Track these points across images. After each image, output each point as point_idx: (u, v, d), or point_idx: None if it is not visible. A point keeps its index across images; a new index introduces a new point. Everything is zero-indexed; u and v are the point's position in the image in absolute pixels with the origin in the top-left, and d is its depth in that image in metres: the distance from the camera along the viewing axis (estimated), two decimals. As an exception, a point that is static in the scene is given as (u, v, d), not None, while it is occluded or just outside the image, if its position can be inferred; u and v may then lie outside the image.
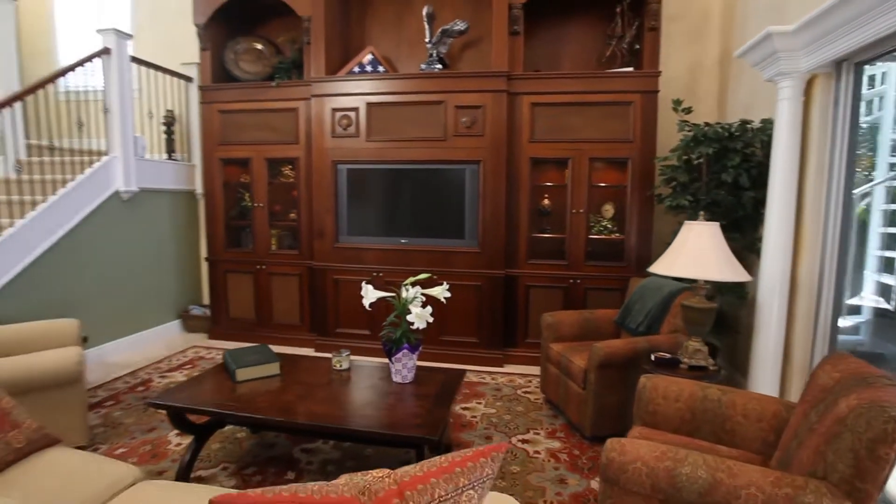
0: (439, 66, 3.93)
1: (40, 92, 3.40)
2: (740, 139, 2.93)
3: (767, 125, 2.85)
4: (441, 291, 2.26)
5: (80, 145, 3.99)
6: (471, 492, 0.83)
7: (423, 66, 3.96)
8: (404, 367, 2.20)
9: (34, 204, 3.20)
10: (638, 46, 3.65)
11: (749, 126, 3.03)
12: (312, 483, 0.78)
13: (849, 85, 2.35)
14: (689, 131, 3.15)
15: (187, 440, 2.31)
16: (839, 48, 2.13)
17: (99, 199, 3.58)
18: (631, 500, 1.36)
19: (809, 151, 2.49)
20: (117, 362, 3.62)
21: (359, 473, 0.83)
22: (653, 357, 2.28)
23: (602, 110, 3.59)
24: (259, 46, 4.35)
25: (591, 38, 3.89)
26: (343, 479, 0.82)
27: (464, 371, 2.44)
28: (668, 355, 2.28)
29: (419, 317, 2.11)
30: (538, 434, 2.64)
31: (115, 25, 3.86)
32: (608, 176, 3.82)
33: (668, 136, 3.54)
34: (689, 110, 3.22)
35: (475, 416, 2.86)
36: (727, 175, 2.96)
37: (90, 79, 3.94)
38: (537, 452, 2.44)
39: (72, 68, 3.51)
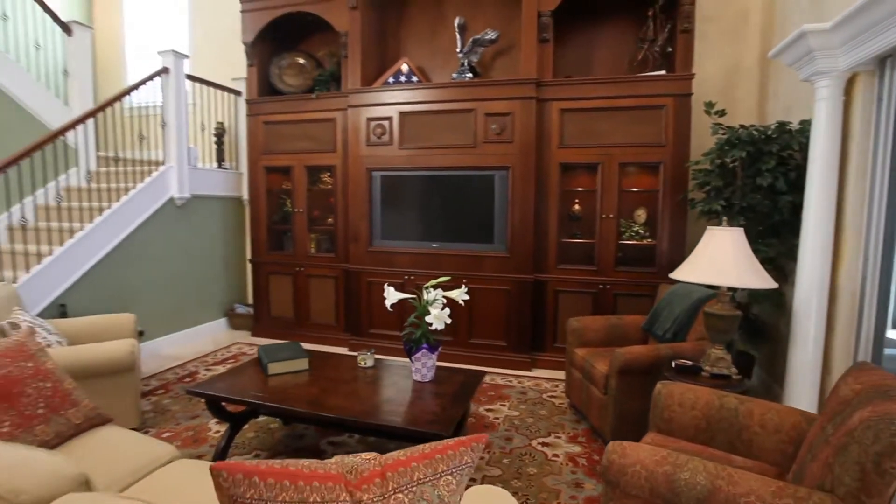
0: (470, 74, 4.02)
1: (109, 109, 3.76)
2: (776, 142, 2.83)
3: (807, 127, 2.74)
4: (459, 294, 2.32)
5: (142, 156, 4.37)
6: (449, 477, 0.90)
7: (454, 76, 4.06)
8: (424, 366, 2.28)
9: (101, 210, 3.54)
10: (670, 49, 3.59)
11: (788, 128, 2.91)
12: (305, 460, 0.87)
13: (893, 82, 2.23)
14: (722, 134, 3.07)
15: (224, 427, 2.50)
16: (883, 43, 2.03)
17: (156, 205, 3.91)
18: (630, 503, 1.38)
19: (850, 153, 2.38)
20: (169, 355, 3.93)
21: (350, 455, 0.92)
22: (673, 364, 2.25)
23: (633, 115, 3.55)
24: (301, 61, 4.60)
25: (623, 42, 3.85)
26: (335, 459, 0.91)
27: (483, 372, 2.49)
28: (689, 362, 2.24)
29: (437, 318, 2.19)
30: (559, 438, 2.65)
31: (175, 47, 4.21)
32: (640, 181, 3.76)
33: (704, 139, 3.46)
34: (722, 113, 3.14)
35: (498, 418, 2.90)
36: (762, 179, 2.86)
37: (151, 96, 4.31)
38: (556, 456, 2.45)
39: (136, 87, 3.86)
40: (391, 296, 2.32)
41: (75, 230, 3.37)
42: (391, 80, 4.15)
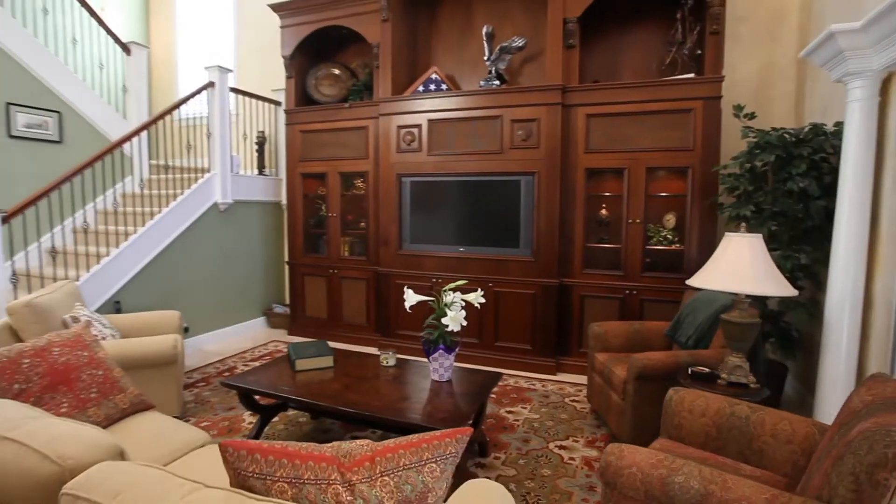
0: (497, 81, 4.08)
1: (161, 121, 4.08)
2: (808, 144, 2.74)
3: (842, 129, 2.64)
4: (475, 297, 2.39)
5: (189, 164, 4.69)
6: (433, 465, 0.97)
7: (482, 83, 4.13)
8: (441, 366, 2.36)
9: (152, 214, 3.85)
10: (700, 52, 3.52)
11: (823, 130, 2.81)
12: (304, 443, 0.97)
13: (932, 83, 2.13)
14: (753, 137, 2.99)
15: (256, 419, 2.67)
16: (918, 41, 1.96)
17: (201, 210, 4.20)
18: (628, 505, 1.40)
19: (886, 156, 2.28)
20: (211, 350, 4.20)
21: (347, 442, 1.02)
22: (690, 371, 2.22)
23: (660, 119, 3.51)
24: (336, 71, 4.81)
25: (652, 45, 3.81)
26: (332, 444, 1.00)
27: (500, 374, 2.54)
28: (706, 370, 2.21)
29: (454, 320, 2.27)
30: (577, 442, 2.66)
31: (221, 62, 4.51)
32: (668, 185, 3.70)
33: (736, 142, 3.38)
34: (751, 115, 3.06)
35: (518, 420, 2.94)
36: (793, 184, 2.78)
37: (199, 108, 4.63)
38: (572, 459, 2.47)
39: (184, 101, 4.17)
40: (410, 298, 2.42)
41: (129, 233, 3.68)
42: (421, 88, 4.27)
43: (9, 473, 0.91)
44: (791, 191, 2.85)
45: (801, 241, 2.89)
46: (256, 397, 2.53)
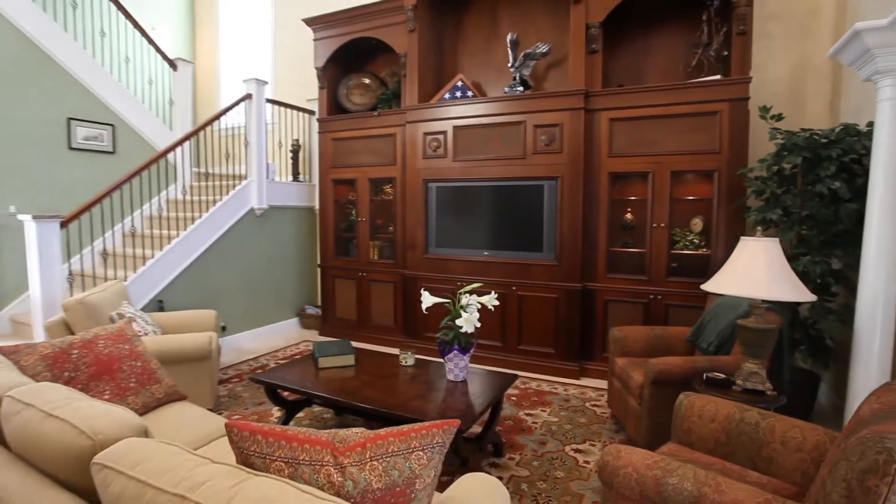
0: (521, 88, 4.12)
1: (202, 131, 4.35)
2: (838, 145, 2.64)
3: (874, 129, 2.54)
4: (489, 300, 2.45)
5: (228, 171, 4.97)
6: (420, 453, 1.04)
7: (506, 89, 4.18)
8: (456, 366, 2.42)
9: (193, 219, 4.11)
10: (727, 53, 3.45)
11: (856, 130, 2.71)
12: (304, 428, 1.06)
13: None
14: (780, 139, 2.91)
15: (282, 413, 2.81)
16: (950, 39, 1.89)
17: (238, 215, 4.44)
18: (626, 505, 1.42)
19: (920, 158, 2.19)
20: (246, 349, 4.43)
21: (343, 430, 1.10)
22: (705, 376, 2.19)
23: (685, 122, 3.46)
24: (366, 81, 4.98)
25: (677, 48, 3.75)
26: (330, 430, 1.09)
27: (515, 375, 2.58)
28: (721, 376, 2.17)
29: (467, 321, 2.33)
30: (593, 446, 2.66)
31: (258, 75, 4.76)
32: (694, 189, 3.63)
33: (765, 144, 3.29)
34: (779, 117, 2.98)
35: (536, 423, 2.96)
36: (822, 186, 2.69)
37: (238, 118, 4.91)
38: (587, 462, 2.47)
39: (224, 112, 4.43)
40: (427, 300, 2.50)
41: (172, 237, 3.94)
42: (447, 95, 4.37)
43: (53, 445, 1.05)
44: (821, 194, 2.76)
45: (833, 246, 2.78)
46: (285, 393, 2.68)
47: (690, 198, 3.61)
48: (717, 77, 3.43)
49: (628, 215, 3.86)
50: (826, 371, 3.18)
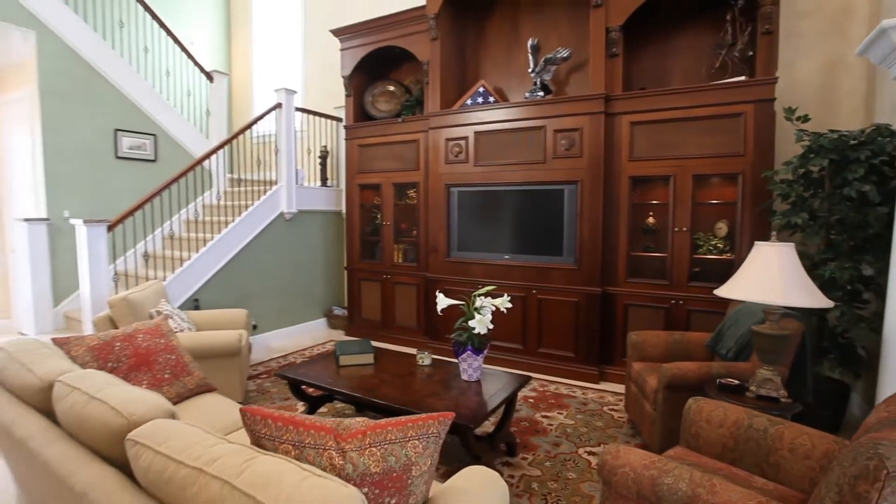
0: (542, 93, 4.16)
1: (236, 139, 4.59)
2: (867, 147, 2.57)
3: (905, 130, 2.47)
4: (502, 302, 2.50)
5: (260, 177, 5.20)
6: (416, 441, 1.12)
7: (527, 95, 4.23)
8: (469, 366, 2.49)
9: (227, 223, 4.34)
10: (752, 53, 3.39)
11: (889, 130, 2.63)
12: (311, 416, 1.16)
13: None
14: (807, 141, 2.85)
15: (305, 408, 2.95)
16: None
17: (269, 219, 4.65)
18: None
19: (951, 160, 2.12)
20: (276, 347, 4.62)
21: (348, 419, 1.19)
22: (718, 382, 2.18)
23: (707, 124, 3.42)
24: (391, 88, 5.12)
25: (700, 49, 3.71)
26: (335, 419, 1.18)
27: (528, 377, 2.62)
28: (735, 382, 2.16)
29: (480, 323, 2.39)
30: (607, 450, 2.67)
31: (289, 84, 4.97)
32: (717, 192, 3.58)
33: (793, 146, 3.22)
34: (805, 118, 2.92)
35: (552, 425, 2.99)
36: (850, 189, 2.62)
37: (270, 126, 5.14)
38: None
39: (255, 121, 4.66)
40: (442, 301, 2.58)
41: (207, 240, 4.18)
42: (469, 101, 4.45)
43: (95, 423, 1.19)
44: (849, 197, 2.69)
45: (863, 251, 2.70)
46: (310, 390, 2.81)
47: (714, 202, 3.55)
48: (742, 78, 3.38)
49: (650, 219, 3.83)
50: (857, 381, 3.08)
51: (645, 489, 1.38)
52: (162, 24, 5.00)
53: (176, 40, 5.10)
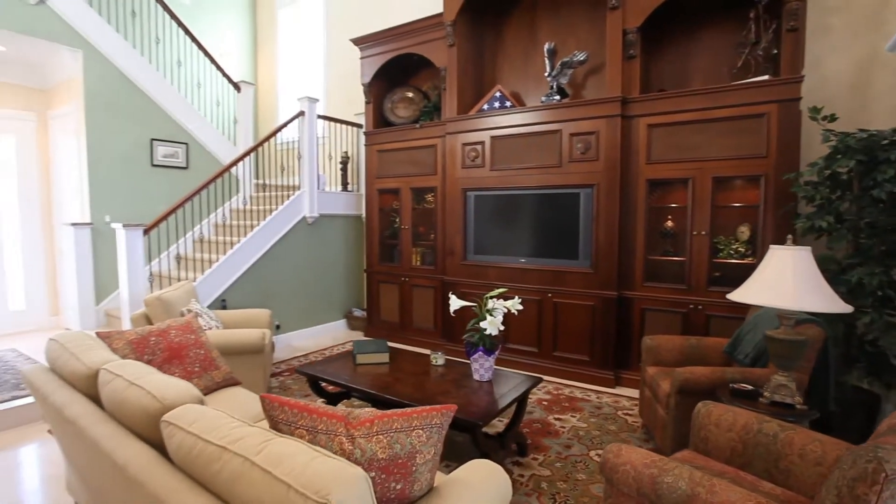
0: (558, 96, 4.19)
1: (261, 147, 4.77)
2: (898, 147, 2.52)
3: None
4: (513, 304, 2.55)
5: (284, 182, 5.38)
6: (420, 431, 1.18)
7: (543, 99, 4.27)
8: (481, 366, 2.55)
9: (252, 227, 4.51)
10: (776, 51, 3.35)
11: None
12: (325, 405, 1.24)
13: None
14: (834, 141, 2.81)
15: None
16: None
17: (292, 223, 4.81)
18: (625, 502, 1.49)
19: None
20: (297, 346, 4.76)
21: (358, 409, 1.27)
22: (731, 387, 2.18)
23: (728, 125, 3.39)
24: (410, 94, 5.23)
25: (723, 49, 3.68)
26: (347, 409, 1.26)
27: (539, 378, 2.65)
28: (748, 387, 2.15)
29: (491, 324, 2.45)
30: (620, 452, 2.67)
31: (311, 93, 5.14)
32: (741, 195, 3.53)
33: (820, 146, 3.16)
34: (832, 118, 2.87)
35: (564, 427, 3.01)
36: (879, 191, 2.57)
37: (294, 133, 5.31)
38: (611, 467, 2.50)
39: (280, 129, 4.83)
40: (454, 303, 2.64)
41: (234, 243, 4.35)
42: (486, 106, 4.51)
43: (134, 406, 1.31)
44: (879, 199, 2.64)
45: (895, 256, 2.63)
46: (329, 388, 2.91)
47: (736, 205, 3.51)
48: (765, 77, 3.33)
49: (668, 223, 3.81)
50: (890, 391, 2.99)
51: (645, 487, 1.41)
52: (194, 39, 5.25)
53: (206, 54, 5.33)
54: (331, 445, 1.12)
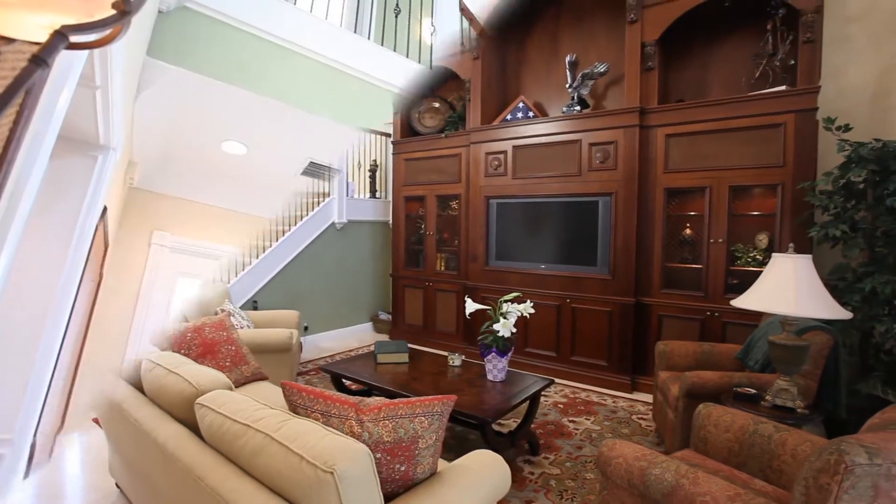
0: (578, 107, 4.27)
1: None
2: (911, 158, 2.51)
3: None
4: (525, 308, 2.66)
5: (314, 189, 5.64)
6: (422, 418, 1.32)
7: (563, 109, 4.36)
8: (494, 367, 2.67)
9: (283, 232, 4.77)
10: (793, 62, 3.35)
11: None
12: (338, 392, 1.40)
13: None
14: (848, 151, 2.81)
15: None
16: None
17: (321, 229, 5.05)
18: (619, 493, 1.58)
19: None
20: (324, 347, 4.99)
21: (367, 398, 1.42)
22: (734, 390, 2.22)
23: (745, 135, 3.41)
24: (436, 104, 5.41)
25: (740, 60, 3.69)
26: (357, 397, 1.42)
27: (552, 380, 2.75)
28: (752, 391, 2.19)
29: (504, 326, 2.57)
30: (630, 455, 2.73)
31: (340, 104, 5.38)
32: (758, 204, 3.53)
33: (836, 157, 3.14)
34: (846, 128, 2.87)
35: (577, 429, 3.08)
36: (893, 200, 2.57)
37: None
38: (619, 469, 2.57)
39: (311, 139, 5.09)
40: (469, 306, 2.77)
41: (266, 247, 4.62)
42: (509, 116, 4.64)
43: (172, 391, 1.50)
44: (893, 208, 2.63)
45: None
46: (352, 385, 3.09)
47: (754, 213, 3.51)
48: (782, 88, 3.34)
49: (686, 231, 3.83)
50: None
51: (635, 478, 1.50)
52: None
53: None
54: (342, 428, 1.27)
